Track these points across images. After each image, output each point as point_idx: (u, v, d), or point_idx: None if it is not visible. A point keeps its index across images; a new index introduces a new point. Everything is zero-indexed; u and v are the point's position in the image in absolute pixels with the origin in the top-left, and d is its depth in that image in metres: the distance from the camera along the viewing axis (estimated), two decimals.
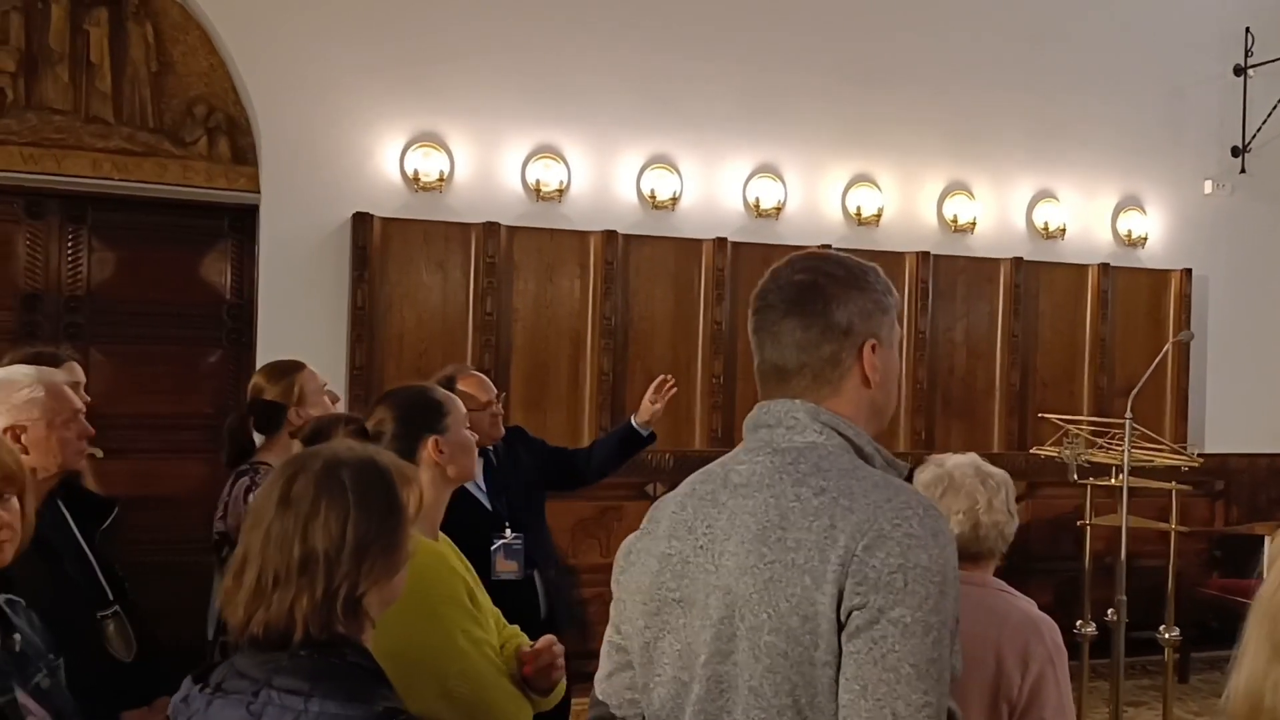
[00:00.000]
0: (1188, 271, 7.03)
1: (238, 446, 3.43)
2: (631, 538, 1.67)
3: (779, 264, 1.62)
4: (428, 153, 5.69)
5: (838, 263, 1.61)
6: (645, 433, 4.05)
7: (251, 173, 5.55)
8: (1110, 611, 4.79)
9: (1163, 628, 4.86)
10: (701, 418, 6.06)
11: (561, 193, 5.89)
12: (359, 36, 5.58)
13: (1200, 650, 6.26)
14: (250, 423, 3.46)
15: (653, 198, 6.06)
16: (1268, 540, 1.24)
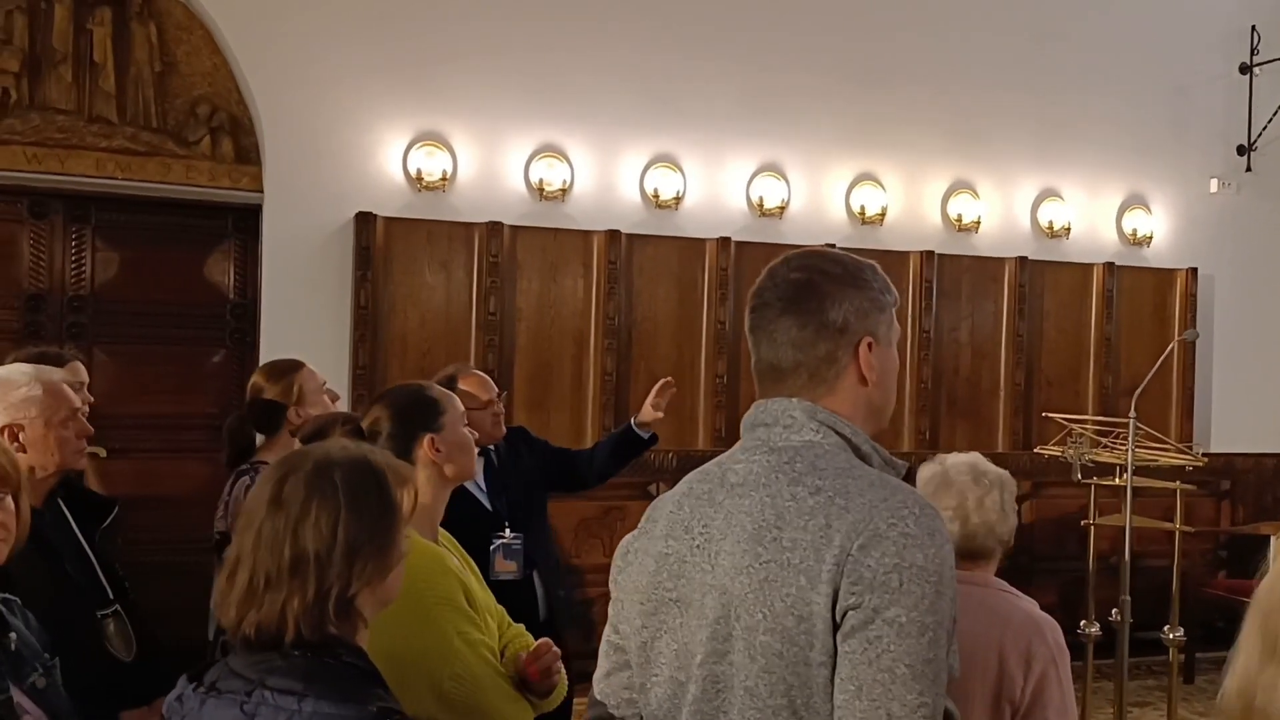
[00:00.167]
0: (1193, 270, 7.01)
1: (238, 446, 3.43)
2: (629, 537, 1.66)
3: (776, 262, 1.61)
4: (431, 152, 5.68)
5: (834, 260, 1.60)
6: (645, 435, 4.02)
7: (255, 172, 5.56)
8: (1115, 612, 4.76)
9: (1167, 628, 4.84)
10: (705, 418, 6.05)
11: (565, 192, 5.89)
12: (362, 36, 5.58)
13: (1205, 651, 6.22)
14: (250, 422, 3.46)
15: (656, 197, 6.06)
16: (1274, 540, 1.23)
